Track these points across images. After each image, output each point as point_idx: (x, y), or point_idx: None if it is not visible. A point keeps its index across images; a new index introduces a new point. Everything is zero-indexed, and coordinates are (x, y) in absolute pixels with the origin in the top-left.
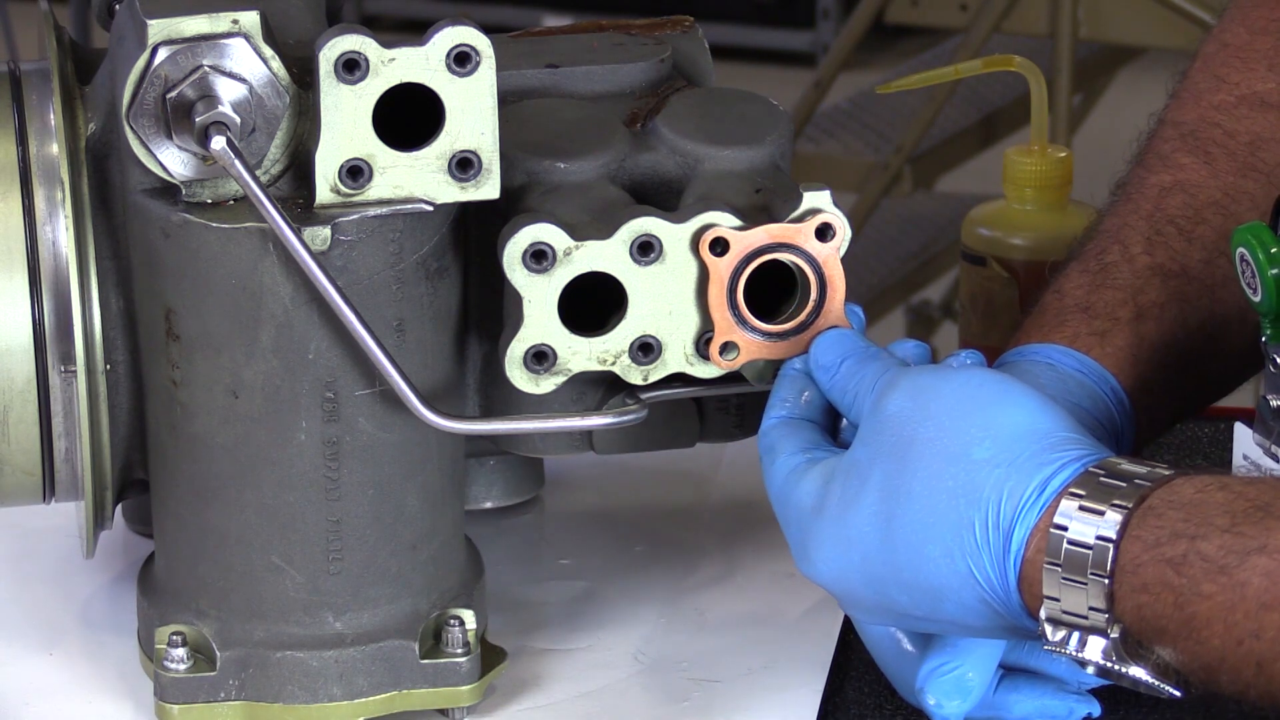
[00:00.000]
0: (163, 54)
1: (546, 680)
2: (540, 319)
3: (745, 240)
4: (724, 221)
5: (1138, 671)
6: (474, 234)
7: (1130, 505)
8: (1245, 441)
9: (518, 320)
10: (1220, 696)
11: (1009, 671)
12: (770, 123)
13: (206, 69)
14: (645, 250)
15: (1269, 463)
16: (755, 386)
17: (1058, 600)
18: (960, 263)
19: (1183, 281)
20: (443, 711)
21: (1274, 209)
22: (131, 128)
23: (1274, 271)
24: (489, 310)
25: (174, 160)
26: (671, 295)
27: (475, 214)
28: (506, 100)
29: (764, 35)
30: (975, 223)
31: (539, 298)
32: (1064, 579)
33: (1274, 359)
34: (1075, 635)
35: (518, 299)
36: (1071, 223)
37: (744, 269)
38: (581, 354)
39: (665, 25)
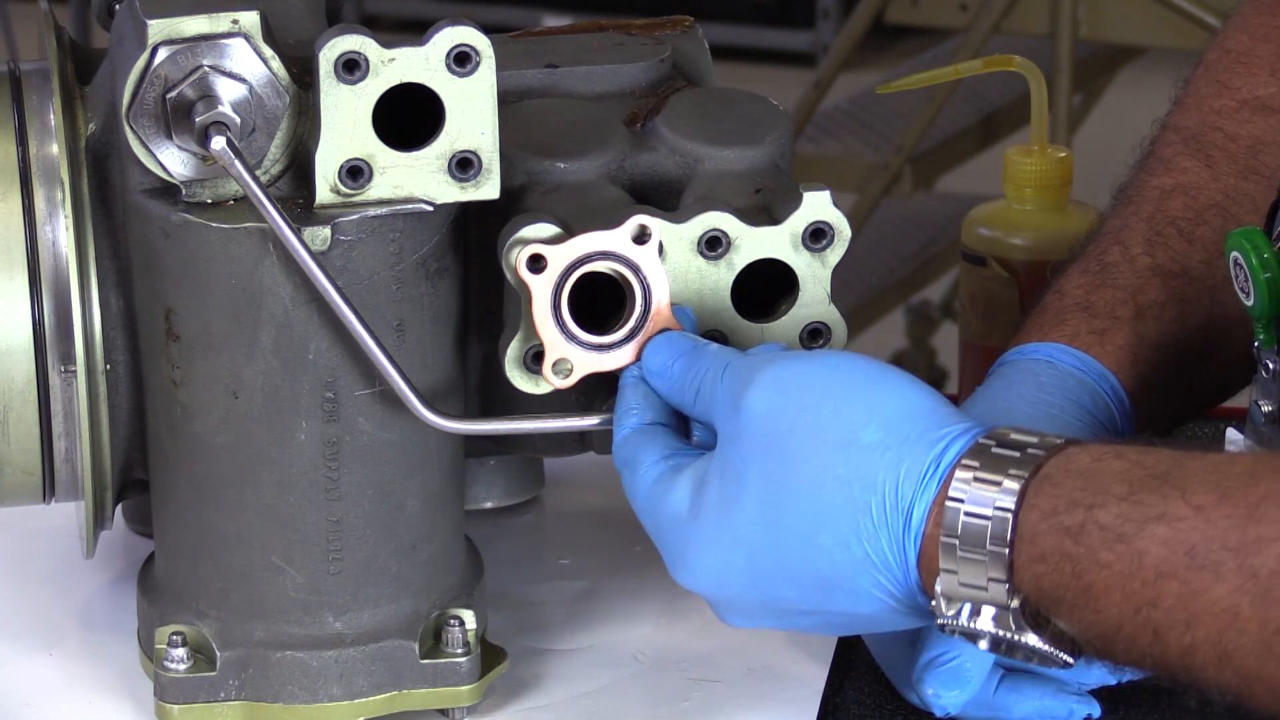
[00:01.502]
0: (163, 54)
1: (546, 680)
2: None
3: (561, 254)
4: (724, 223)
5: (1031, 639)
6: (474, 234)
7: (1026, 474)
8: (1238, 446)
9: (518, 320)
10: (1221, 695)
11: (1009, 672)
12: (770, 123)
13: (206, 69)
14: None
15: None
16: None
17: (955, 573)
18: (960, 263)
19: (1183, 282)
20: (443, 711)
21: (1269, 214)
22: (131, 128)
23: (1267, 275)
24: (489, 310)
25: (174, 160)
26: (671, 295)
27: (475, 214)
28: (506, 100)
29: (764, 35)
30: (975, 223)
31: (538, 298)
32: (962, 552)
33: (1266, 364)
34: (967, 607)
35: (518, 299)
36: (1071, 223)
37: (565, 282)
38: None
39: (665, 25)
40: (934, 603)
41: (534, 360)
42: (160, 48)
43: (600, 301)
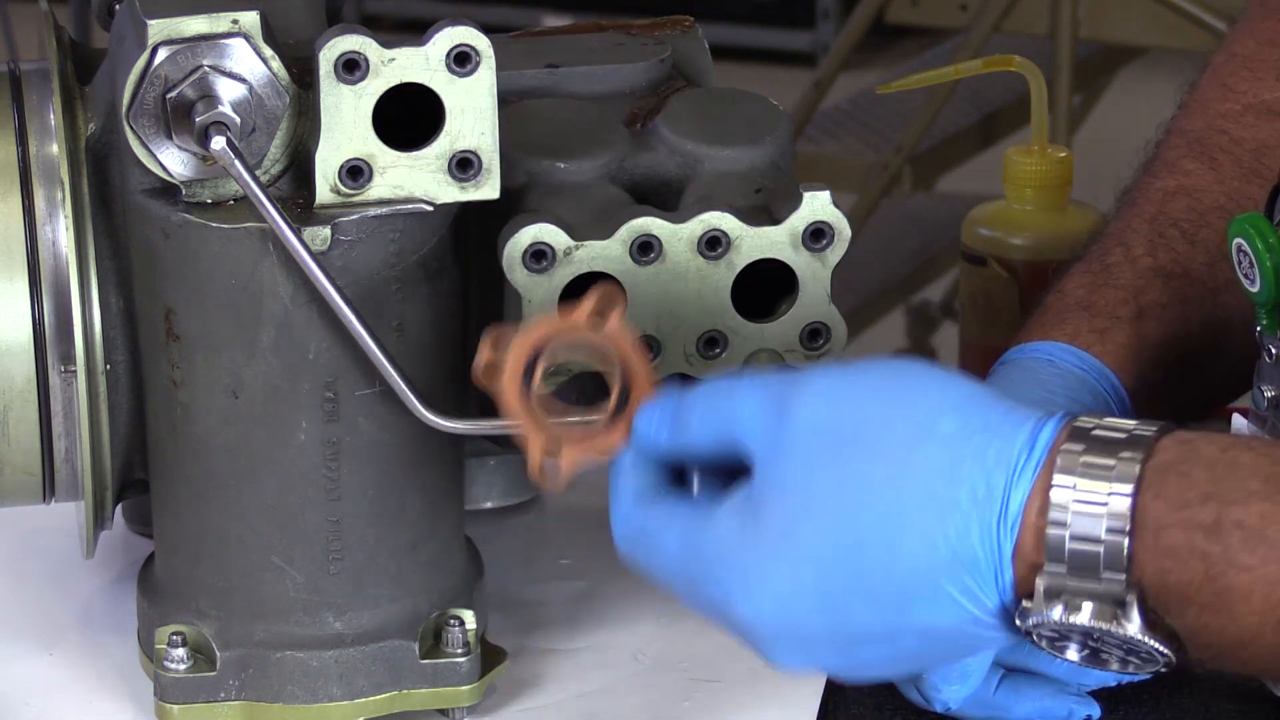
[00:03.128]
0: (163, 54)
1: (546, 680)
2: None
3: (516, 355)
4: (724, 223)
5: (1133, 630)
6: (474, 234)
7: (1141, 456)
8: (1240, 432)
9: (518, 320)
10: (1217, 697)
11: (1010, 672)
12: (770, 123)
13: (206, 69)
14: (645, 250)
15: None
16: None
17: (1063, 565)
18: (960, 263)
19: (1185, 283)
20: (443, 711)
21: (1269, 200)
22: (131, 128)
23: (1272, 261)
24: (489, 310)
25: (174, 160)
26: (671, 295)
27: (475, 214)
28: (506, 100)
29: (764, 35)
30: (975, 223)
31: (539, 298)
32: (1074, 540)
33: (1269, 349)
34: (1059, 606)
35: (518, 299)
36: (1071, 223)
37: (530, 383)
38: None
39: (665, 25)
40: (1026, 603)
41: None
42: (160, 48)
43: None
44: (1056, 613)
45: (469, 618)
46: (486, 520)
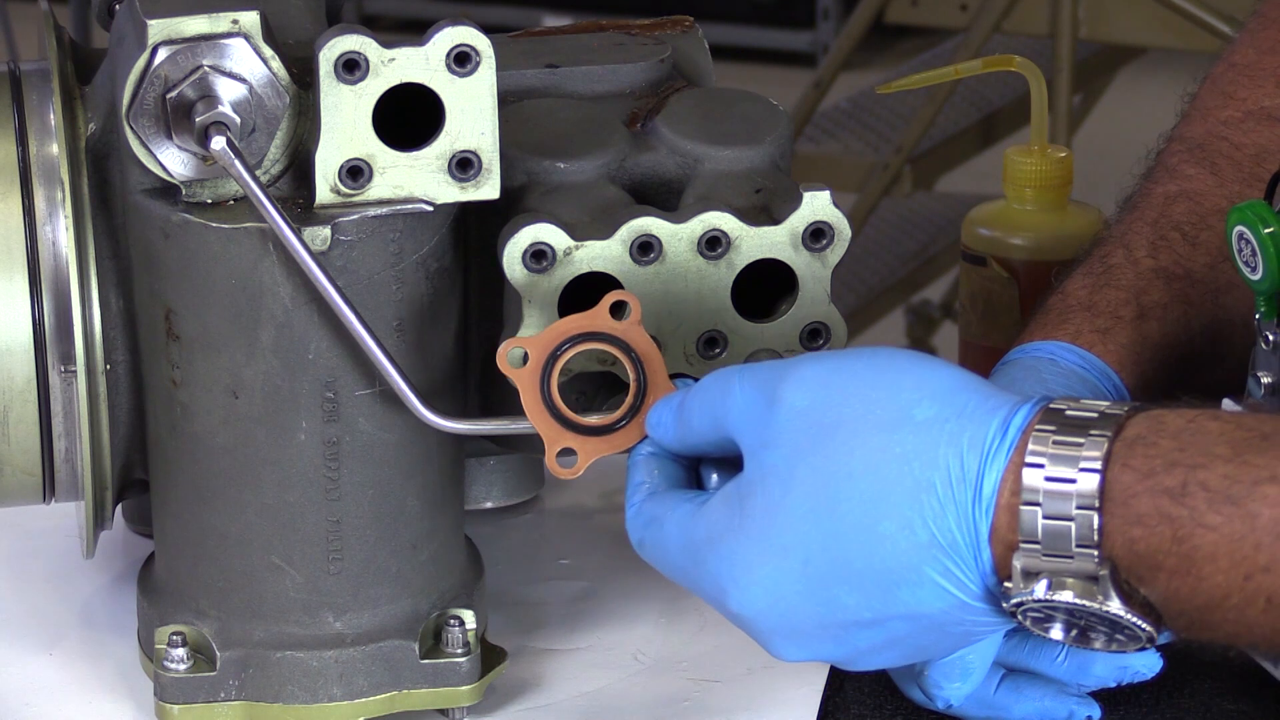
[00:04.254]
0: (163, 54)
1: (546, 680)
2: (540, 319)
3: (542, 344)
4: (724, 223)
5: (1115, 607)
6: (474, 234)
7: (1110, 433)
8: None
9: (518, 320)
10: (1217, 697)
11: (1010, 672)
12: (770, 123)
13: (206, 69)
14: (645, 250)
15: None
16: None
17: (1037, 543)
18: (960, 263)
19: (1186, 284)
20: (443, 711)
21: (1268, 188)
22: (131, 128)
23: (1275, 247)
24: (489, 310)
25: (174, 160)
26: (671, 295)
27: (475, 214)
28: (506, 100)
29: (764, 35)
30: (975, 223)
31: (539, 298)
32: (1046, 519)
33: (1265, 336)
34: (1043, 583)
35: (518, 299)
36: (1071, 223)
37: (551, 371)
38: (582, 355)
39: (665, 25)
40: (1007, 583)
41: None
42: (160, 48)
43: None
44: (1039, 590)
45: (469, 618)
46: (486, 520)
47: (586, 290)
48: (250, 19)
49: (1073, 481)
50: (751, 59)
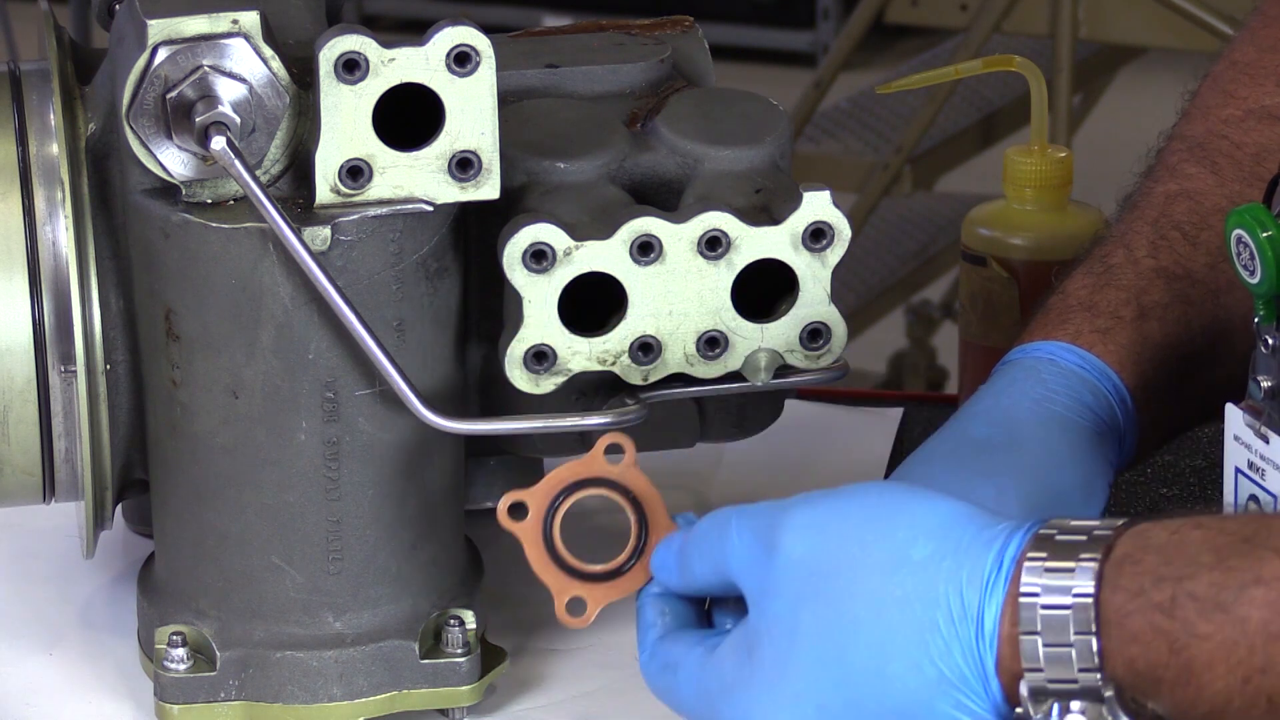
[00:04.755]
0: (163, 54)
1: (546, 680)
2: (540, 319)
3: (540, 495)
4: (724, 223)
5: None
6: (474, 234)
7: (1099, 556)
8: (1236, 423)
9: (518, 320)
10: None
11: None
12: (770, 123)
13: (206, 69)
14: (645, 250)
15: (1259, 444)
16: (756, 386)
17: (1040, 670)
18: (960, 263)
19: (1186, 284)
20: (443, 711)
21: (1267, 191)
22: (131, 128)
23: (1273, 251)
24: (489, 310)
25: (174, 160)
26: (671, 295)
27: (475, 214)
28: (506, 100)
29: (764, 35)
30: (975, 223)
31: (539, 298)
32: (1046, 646)
33: (1265, 339)
34: (1055, 706)
35: (518, 299)
36: (1071, 223)
37: (553, 523)
38: (581, 354)
39: (665, 25)
40: (1019, 709)
41: (534, 360)
42: (160, 48)
43: (601, 303)
44: (1053, 717)
45: (469, 618)
46: (486, 520)
47: (586, 290)
48: (250, 19)
49: (1068, 609)
50: (751, 59)
